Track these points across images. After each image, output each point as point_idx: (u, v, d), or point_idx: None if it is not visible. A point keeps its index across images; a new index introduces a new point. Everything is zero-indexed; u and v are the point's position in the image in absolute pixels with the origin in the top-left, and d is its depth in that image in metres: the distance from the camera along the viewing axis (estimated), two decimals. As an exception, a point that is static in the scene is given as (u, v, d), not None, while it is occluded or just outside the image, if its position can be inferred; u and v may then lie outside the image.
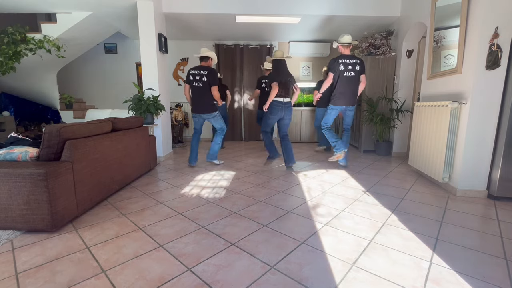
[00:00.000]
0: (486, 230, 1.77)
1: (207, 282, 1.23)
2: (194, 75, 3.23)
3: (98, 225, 1.81)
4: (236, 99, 5.85)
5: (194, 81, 3.22)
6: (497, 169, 2.28)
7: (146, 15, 3.52)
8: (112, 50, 5.66)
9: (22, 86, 4.59)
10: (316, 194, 2.42)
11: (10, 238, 1.62)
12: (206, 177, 3.00)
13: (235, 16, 4.08)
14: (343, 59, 3.07)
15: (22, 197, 1.59)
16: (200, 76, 3.21)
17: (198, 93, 3.24)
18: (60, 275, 1.28)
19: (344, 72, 3.07)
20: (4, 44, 3.56)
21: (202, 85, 3.20)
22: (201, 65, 3.26)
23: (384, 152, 4.17)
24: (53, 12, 3.84)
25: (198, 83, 3.21)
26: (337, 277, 1.27)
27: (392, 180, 2.87)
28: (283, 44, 5.75)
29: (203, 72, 3.20)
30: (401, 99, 3.99)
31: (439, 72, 2.79)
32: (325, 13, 3.99)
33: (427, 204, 2.20)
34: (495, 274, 1.30)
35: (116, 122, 2.49)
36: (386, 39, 4.12)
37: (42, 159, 1.77)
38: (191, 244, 1.57)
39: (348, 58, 3.09)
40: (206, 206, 2.15)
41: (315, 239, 1.63)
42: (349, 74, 3.09)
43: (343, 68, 3.07)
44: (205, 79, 3.19)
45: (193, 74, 3.23)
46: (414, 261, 1.40)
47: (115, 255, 1.45)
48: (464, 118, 2.36)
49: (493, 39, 2.17)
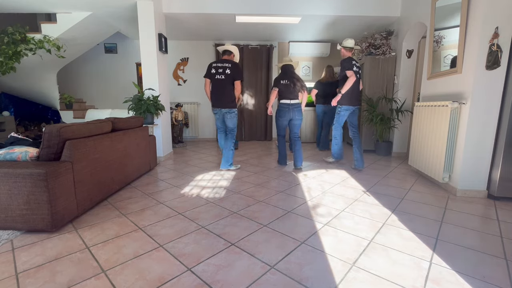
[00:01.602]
0: (486, 230, 1.77)
1: (207, 282, 1.23)
2: (217, 67, 3.08)
3: (98, 225, 1.81)
4: (236, 99, 5.85)
5: (217, 74, 3.07)
6: (497, 169, 2.28)
7: (146, 15, 3.52)
8: (112, 50, 5.66)
9: (22, 86, 4.59)
10: (316, 194, 2.42)
11: (10, 238, 1.62)
12: (206, 177, 3.00)
13: (235, 16, 4.08)
14: (354, 61, 3.16)
15: (22, 197, 1.59)
16: (224, 69, 3.07)
17: (220, 87, 3.09)
18: (60, 275, 1.28)
19: (357, 74, 3.16)
20: (4, 44, 3.56)
21: (225, 78, 3.06)
22: (224, 59, 3.15)
23: (384, 152, 4.17)
24: (53, 12, 3.84)
25: (221, 76, 3.06)
26: (337, 277, 1.27)
27: (392, 180, 2.87)
28: (283, 44, 5.76)
29: (227, 65, 3.07)
30: (401, 99, 3.99)
31: (439, 72, 2.79)
32: (325, 13, 3.99)
33: (427, 204, 2.20)
34: (495, 274, 1.30)
35: (116, 122, 2.49)
36: (386, 39, 4.12)
37: (42, 159, 1.77)
38: (191, 244, 1.57)
39: (356, 61, 3.19)
40: (206, 206, 2.15)
41: (315, 239, 1.63)
42: (359, 76, 3.23)
43: (356, 70, 3.15)
44: (228, 71, 3.06)
45: (215, 67, 3.09)
46: (414, 261, 1.40)
47: (115, 255, 1.45)
48: (464, 118, 2.36)
49: (493, 39, 2.17)
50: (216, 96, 3.13)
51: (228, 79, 3.08)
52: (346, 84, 3.14)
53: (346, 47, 3.20)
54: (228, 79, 3.08)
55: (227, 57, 3.17)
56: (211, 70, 3.10)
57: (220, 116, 3.25)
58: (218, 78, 3.08)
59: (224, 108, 3.14)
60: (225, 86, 3.09)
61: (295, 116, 3.27)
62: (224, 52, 3.20)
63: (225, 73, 3.06)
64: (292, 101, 3.22)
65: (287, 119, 3.29)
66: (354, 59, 3.19)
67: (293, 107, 3.23)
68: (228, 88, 3.10)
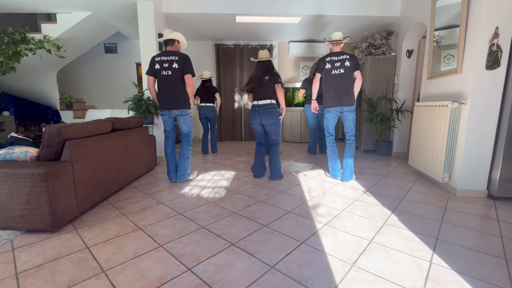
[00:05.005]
0: (486, 230, 1.77)
1: (207, 282, 1.23)
2: (161, 62, 2.57)
3: (98, 225, 1.81)
4: (236, 99, 5.85)
5: (162, 70, 2.57)
6: (497, 169, 2.28)
7: (146, 15, 3.52)
8: (112, 50, 5.66)
9: (22, 86, 4.60)
10: (316, 194, 2.42)
11: (10, 238, 1.62)
12: (206, 177, 3.00)
13: (235, 16, 4.08)
14: (329, 57, 2.77)
15: (22, 197, 1.59)
16: (170, 63, 2.55)
17: (168, 84, 2.60)
18: (60, 275, 1.28)
19: (332, 70, 2.75)
20: (4, 44, 3.56)
21: (172, 74, 2.56)
22: (168, 50, 2.63)
23: (384, 152, 4.17)
24: (53, 12, 3.84)
25: (167, 71, 2.56)
26: (337, 277, 1.27)
27: (392, 180, 2.87)
28: (283, 44, 5.76)
29: (173, 58, 2.56)
30: (401, 99, 3.99)
31: (439, 72, 2.79)
32: (325, 13, 3.99)
33: (427, 204, 2.20)
34: (495, 274, 1.30)
35: (116, 122, 2.49)
36: (386, 39, 4.12)
37: (42, 159, 1.77)
38: (191, 244, 1.57)
39: (336, 55, 2.75)
40: (206, 206, 2.15)
41: (315, 239, 1.63)
42: (337, 71, 2.74)
43: (329, 67, 2.75)
44: (176, 66, 2.55)
45: (159, 61, 2.57)
46: (414, 261, 1.40)
47: (115, 255, 1.45)
48: (464, 118, 2.36)
49: (493, 39, 2.17)
50: (164, 96, 2.64)
51: (177, 75, 2.58)
52: (313, 87, 2.89)
53: (332, 40, 2.78)
54: (177, 75, 2.58)
55: (171, 48, 2.64)
56: (155, 65, 2.59)
57: (170, 119, 2.73)
58: (165, 75, 2.57)
59: (175, 109, 2.65)
60: (174, 83, 2.59)
61: (265, 119, 2.75)
62: (166, 42, 2.64)
63: (172, 68, 2.56)
64: (260, 102, 2.75)
65: (257, 123, 2.82)
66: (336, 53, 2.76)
67: (260, 108, 2.74)
68: (178, 86, 2.60)
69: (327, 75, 2.78)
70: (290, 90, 5.61)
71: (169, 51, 2.61)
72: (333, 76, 2.75)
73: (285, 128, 5.67)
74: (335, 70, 2.74)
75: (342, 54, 2.74)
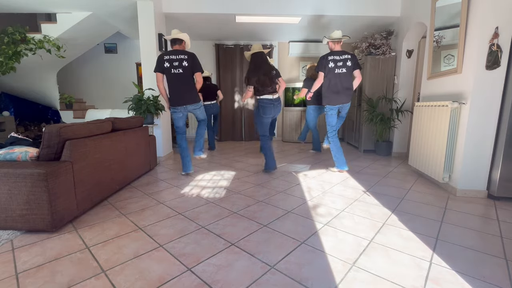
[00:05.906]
0: (486, 230, 1.77)
1: (207, 282, 1.23)
2: (171, 60, 2.68)
3: (98, 225, 1.81)
4: (236, 99, 5.84)
5: (172, 68, 2.69)
6: (497, 169, 2.28)
7: (146, 15, 3.52)
8: (112, 50, 5.66)
9: (22, 86, 4.60)
10: (316, 194, 2.42)
11: (10, 238, 1.62)
12: (206, 177, 3.00)
13: (235, 16, 4.08)
14: (332, 56, 2.88)
15: (22, 197, 1.59)
16: (180, 61, 2.69)
17: (180, 82, 2.74)
18: (60, 275, 1.28)
19: (335, 69, 2.87)
20: (4, 44, 3.56)
21: (183, 71, 2.72)
22: (176, 49, 2.77)
23: (384, 152, 4.17)
24: (53, 12, 3.84)
25: (178, 70, 2.70)
26: (337, 277, 1.27)
27: (392, 180, 2.87)
28: (283, 44, 5.75)
29: (183, 57, 2.71)
30: (401, 99, 3.99)
31: (439, 72, 2.79)
32: (325, 13, 3.99)
33: (427, 204, 2.20)
34: (495, 274, 1.30)
35: (116, 122, 2.49)
36: (386, 39, 4.12)
37: (42, 159, 1.77)
38: (191, 244, 1.57)
39: (338, 54, 2.88)
40: (206, 206, 2.15)
41: (315, 239, 1.63)
42: (340, 70, 2.88)
43: (332, 65, 2.87)
44: (186, 64, 2.71)
45: (168, 60, 2.68)
46: (414, 261, 1.40)
47: (115, 255, 1.45)
48: (464, 118, 2.36)
49: (493, 39, 2.17)
50: (176, 93, 2.77)
51: (187, 72, 2.74)
52: (314, 85, 3.03)
53: (334, 39, 2.89)
54: (187, 72, 2.74)
55: (179, 47, 2.79)
56: (164, 63, 2.70)
57: (184, 115, 2.90)
58: (176, 73, 2.71)
59: (190, 104, 2.83)
60: (185, 81, 2.75)
61: (276, 113, 3.05)
62: (174, 41, 2.77)
63: (182, 66, 2.70)
64: (275, 96, 2.96)
65: (271, 116, 3.01)
66: (338, 52, 2.90)
67: (276, 102, 2.99)
68: (189, 82, 2.78)
69: (330, 74, 2.93)
70: (290, 90, 5.61)
71: (177, 50, 2.76)
72: (336, 75, 2.91)
73: (285, 128, 5.67)
74: (338, 69, 2.89)
75: (344, 53, 2.90)
